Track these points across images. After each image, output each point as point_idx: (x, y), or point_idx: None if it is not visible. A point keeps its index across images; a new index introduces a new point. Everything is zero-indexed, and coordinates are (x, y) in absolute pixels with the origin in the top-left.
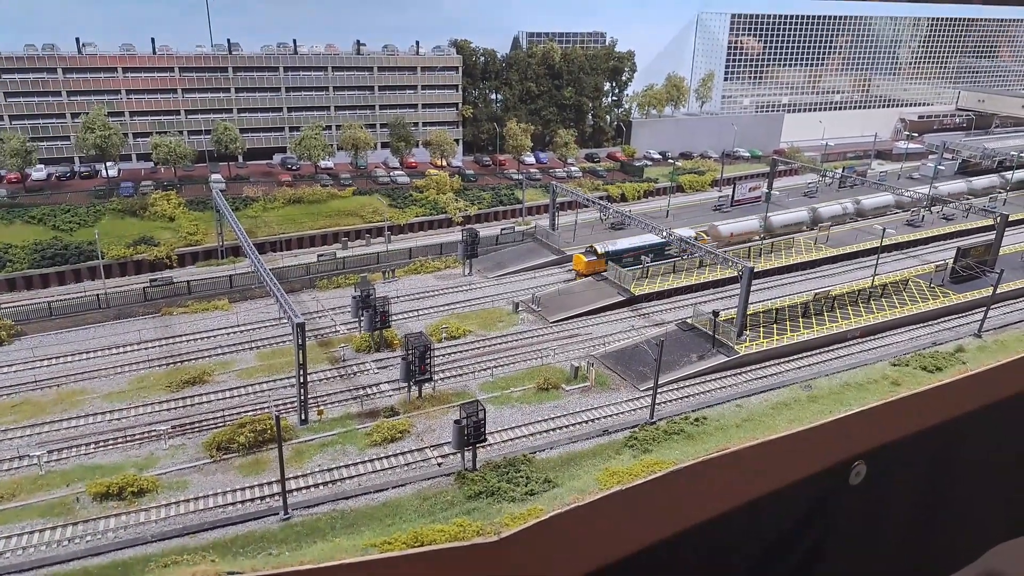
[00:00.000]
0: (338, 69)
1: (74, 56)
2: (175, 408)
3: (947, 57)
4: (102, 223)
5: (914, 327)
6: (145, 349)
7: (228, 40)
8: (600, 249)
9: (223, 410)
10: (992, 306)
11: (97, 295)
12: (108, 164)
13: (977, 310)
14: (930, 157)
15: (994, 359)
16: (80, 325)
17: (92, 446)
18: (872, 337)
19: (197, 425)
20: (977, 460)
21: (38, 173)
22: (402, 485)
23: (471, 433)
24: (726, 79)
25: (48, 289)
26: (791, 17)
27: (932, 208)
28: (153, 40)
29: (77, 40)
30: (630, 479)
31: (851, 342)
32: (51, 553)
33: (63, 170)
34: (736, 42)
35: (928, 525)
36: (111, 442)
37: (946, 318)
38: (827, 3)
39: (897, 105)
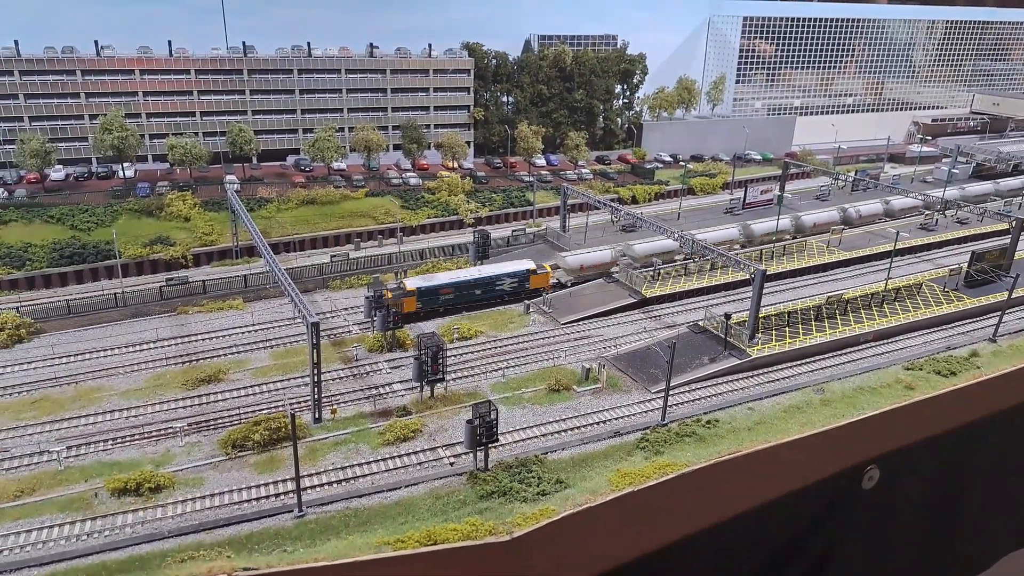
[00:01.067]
0: (351, 72)
1: (92, 59)
2: (191, 406)
3: (961, 60)
4: (119, 223)
5: (928, 331)
6: (161, 347)
7: (243, 43)
8: (411, 285)
9: (238, 408)
10: (1007, 311)
11: (114, 294)
12: (125, 165)
13: (992, 315)
14: (944, 160)
15: (1009, 364)
16: (97, 323)
17: (110, 442)
18: (885, 341)
19: (212, 423)
20: (991, 466)
21: (57, 173)
22: (415, 484)
23: (483, 433)
24: (738, 82)
25: (66, 288)
26: (804, 20)
27: (946, 212)
28: (170, 43)
29: (96, 43)
30: (642, 481)
31: (864, 346)
32: (70, 547)
33: (81, 171)
34: (748, 45)
35: (941, 531)
36: (128, 439)
37: (960, 322)
38: (840, 6)
39: (910, 108)
